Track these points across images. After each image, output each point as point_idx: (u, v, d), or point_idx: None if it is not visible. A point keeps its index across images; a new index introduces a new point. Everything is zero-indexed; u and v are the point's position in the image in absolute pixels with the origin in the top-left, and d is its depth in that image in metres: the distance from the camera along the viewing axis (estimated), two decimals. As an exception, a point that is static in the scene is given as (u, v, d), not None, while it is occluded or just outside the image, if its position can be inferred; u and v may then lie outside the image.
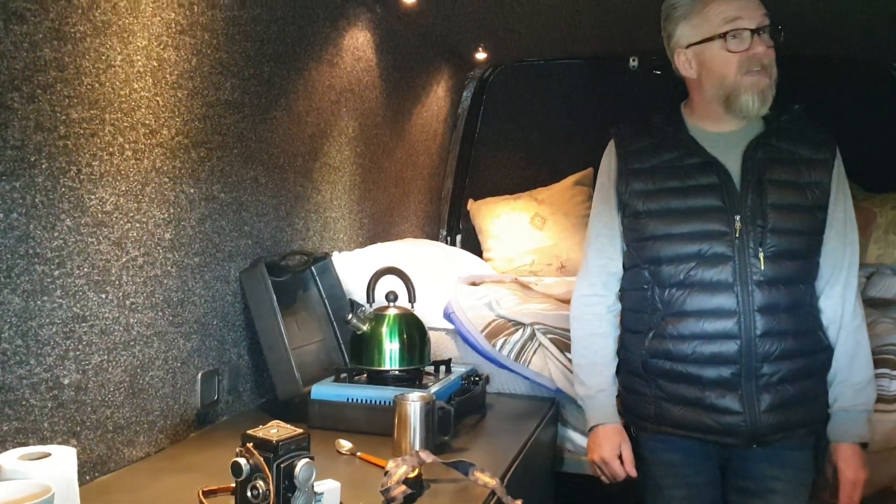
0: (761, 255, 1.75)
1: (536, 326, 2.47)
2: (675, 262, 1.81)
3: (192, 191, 1.92)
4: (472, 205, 3.97)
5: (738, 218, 1.76)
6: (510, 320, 2.53)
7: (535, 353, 2.43)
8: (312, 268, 2.46)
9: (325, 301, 2.50)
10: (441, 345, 2.57)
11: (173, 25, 1.77)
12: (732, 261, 1.76)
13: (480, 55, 3.65)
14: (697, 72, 1.81)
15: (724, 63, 1.76)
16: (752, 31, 1.73)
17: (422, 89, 3.38)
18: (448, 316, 2.57)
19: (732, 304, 1.76)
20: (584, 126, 3.97)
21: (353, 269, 2.54)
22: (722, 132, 1.84)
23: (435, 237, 3.85)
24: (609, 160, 1.96)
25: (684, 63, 1.83)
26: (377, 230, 3.05)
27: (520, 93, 4.00)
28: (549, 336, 2.43)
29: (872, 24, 2.77)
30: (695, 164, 1.81)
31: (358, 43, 2.66)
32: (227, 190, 2.06)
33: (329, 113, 2.55)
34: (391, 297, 2.21)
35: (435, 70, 3.47)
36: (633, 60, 3.79)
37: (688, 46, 1.81)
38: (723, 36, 1.74)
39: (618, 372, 1.98)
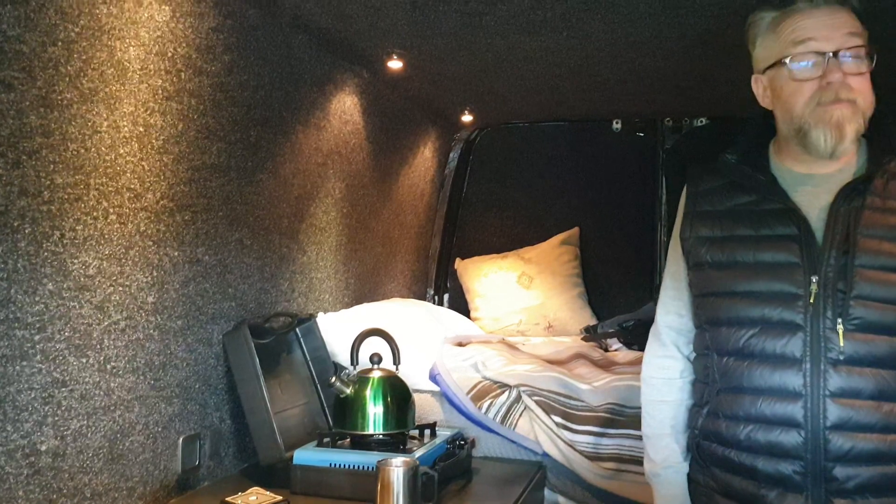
0: (840, 328, 1.42)
1: (522, 388, 2.45)
2: (735, 326, 1.52)
3: (176, 254, 1.92)
4: (459, 264, 3.99)
5: (815, 280, 1.44)
6: (496, 382, 2.52)
7: (521, 415, 2.42)
8: (297, 329, 2.45)
9: (310, 363, 2.49)
10: (427, 407, 2.55)
11: (160, 92, 1.80)
12: (803, 331, 1.44)
13: (467, 118, 3.70)
14: (772, 102, 1.54)
15: (792, 93, 1.47)
16: (829, 55, 1.43)
17: (409, 150, 3.42)
18: (434, 378, 2.56)
19: (799, 385, 1.44)
20: (570, 186, 4.01)
21: (338, 330, 2.53)
22: (812, 174, 1.51)
23: (423, 296, 3.85)
24: (680, 203, 1.69)
25: (761, 91, 1.56)
26: (364, 290, 3.05)
27: (506, 154, 4.05)
28: (535, 398, 2.42)
29: None
30: (772, 211, 1.51)
31: (345, 107, 2.70)
32: (212, 252, 2.07)
33: (316, 175, 2.58)
34: (375, 359, 2.20)
35: (422, 132, 3.51)
36: (617, 123, 3.86)
37: (763, 71, 1.53)
38: (790, 60, 1.46)
39: None
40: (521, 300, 3.77)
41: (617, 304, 3.85)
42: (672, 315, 1.68)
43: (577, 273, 3.91)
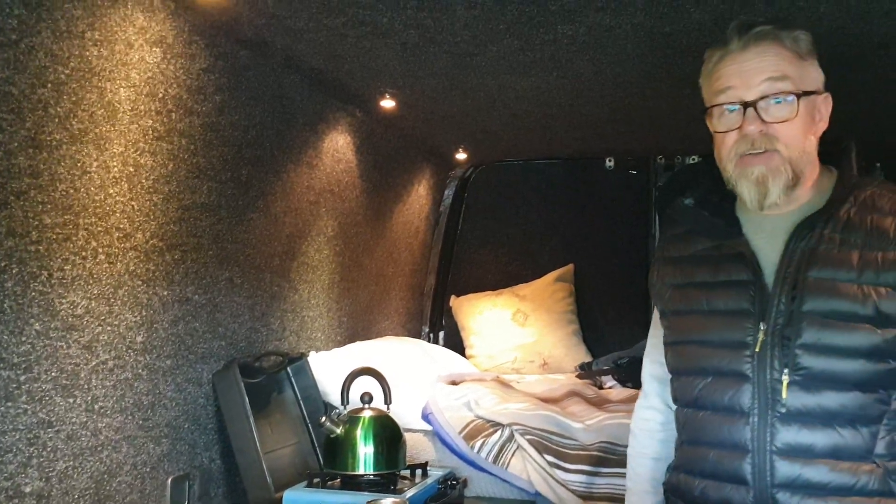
0: (785, 380, 1.33)
1: (515, 427, 2.44)
2: (692, 376, 1.46)
3: (165, 293, 1.92)
4: (454, 301, 3.98)
5: (762, 327, 1.36)
6: (489, 421, 2.50)
7: (513, 455, 2.40)
8: (288, 368, 2.44)
9: (301, 402, 2.47)
10: (419, 446, 2.53)
11: (150, 132, 1.81)
12: (751, 382, 1.36)
13: (461, 155, 3.72)
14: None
15: (718, 144, 1.43)
16: (747, 105, 1.36)
17: (403, 188, 3.43)
18: (426, 417, 2.55)
19: (746, 440, 1.36)
20: (564, 223, 4.03)
21: (330, 369, 2.52)
22: (771, 215, 1.42)
23: (417, 334, 3.84)
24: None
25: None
26: (357, 328, 3.04)
27: (501, 191, 4.06)
28: (528, 437, 2.40)
29: None
30: (729, 256, 1.44)
31: (338, 145, 2.72)
32: (202, 291, 2.06)
33: (308, 213, 2.58)
34: (366, 398, 2.19)
35: (416, 169, 3.53)
36: (610, 161, 3.88)
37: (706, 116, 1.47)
38: (714, 110, 1.42)
39: None
40: (515, 337, 3.76)
41: (611, 341, 3.84)
42: (655, 364, 1.62)
43: (571, 310, 3.90)
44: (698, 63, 2.19)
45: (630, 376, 3.45)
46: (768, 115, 1.35)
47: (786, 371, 1.33)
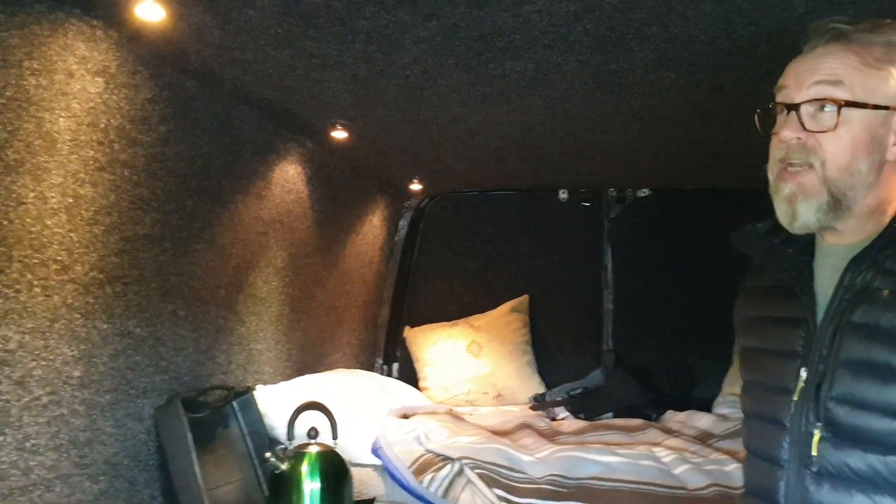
0: (816, 434, 1.20)
1: (465, 461, 2.42)
2: (746, 419, 1.39)
3: (105, 326, 1.88)
4: (408, 332, 3.96)
5: (804, 373, 1.23)
6: (438, 455, 2.48)
7: (463, 489, 2.37)
8: (234, 403, 2.40)
9: (247, 438, 2.42)
10: (369, 481, 2.49)
11: (91, 163, 1.78)
12: (788, 433, 1.24)
13: (416, 186, 3.72)
14: None
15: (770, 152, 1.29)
16: (790, 108, 1.22)
17: (357, 218, 3.42)
18: (376, 451, 2.52)
19: (780, 495, 1.25)
20: (519, 254, 4.05)
21: (277, 403, 2.48)
22: (838, 244, 1.26)
23: (370, 366, 3.81)
24: None
25: None
26: (307, 361, 3.00)
27: (456, 222, 4.08)
28: (478, 471, 2.38)
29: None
30: (791, 290, 1.30)
31: (288, 175, 2.70)
32: (144, 324, 2.02)
33: (256, 244, 2.55)
34: (312, 433, 2.16)
35: (370, 200, 3.52)
36: (563, 193, 3.93)
37: None
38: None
39: None
40: (470, 369, 3.75)
41: (565, 372, 3.86)
42: None
43: (526, 341, 3.91)
44: (645, 99, 2.25)
45: (583, 407, 3.47)
46: (811, 123, 1.20)
47: (818, 424, 1.19)
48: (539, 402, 3.59)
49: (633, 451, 2.57)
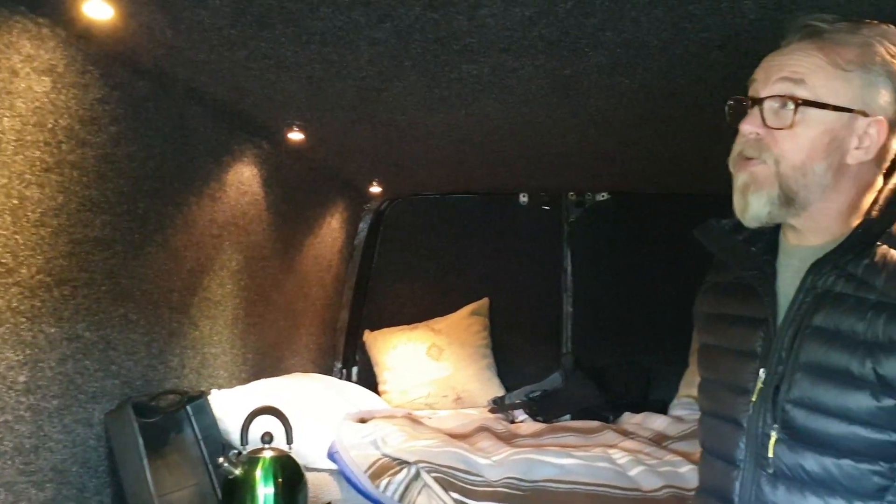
0: (773, 435, 1.19)
1: (421, 465, 2.41)
2: (703, 419, 1.38)
3: (52, 330, 1.84)
4: (367, 336, 3.94)
5: (762, 374, 1.23)
6: (395, 459, 2.47)
7: (419, 493, 2.36)
8: (188, 407, 2.36)
9: (201, 443, 2.39)
10: (324, 486, 2.47)
11: (38, 163, 1.74)
12: (745, 434, 1.24)
13: (375, 189, 3.71)
14: None
15: None
16: (755, 102, 1.22)
17: (315, 221, 3.39)
18: (332, 455, 2.50)
19: (734, 495, 1.25)
20: (480, 257, 4.05)
21: (232, 407, 2.45)
22: (801, 245, 1.26)
23: (329, 370, 3.78)
24: None
25: None
26: (264, 365, 2.97)
27: (417, 225, 4.07)
28: (434, 475, 2.37)
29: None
30: (753, 289, 1.28)
31: (243, 177, 2.67)
32: (94, 328, 1.98)
33: (210, 247, 2.52)
34: (266, 438, 2.13)
35: (329, 202, 3.50)
36: (523, 196, 3.95)
37: None
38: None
39: None
40: (429, 372, 3.74)
41: (525, 375, 3.87)
42: None
43: (486, 344, 3.92)
44: (601, 104, 2.26)
45: (541, 410, 3.48)
46: (773, 120, 1.19)
47: (775, 426, 1.19)
48: (498, 405, 3.60)
49: (590, 453, 2.58)
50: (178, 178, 2.30)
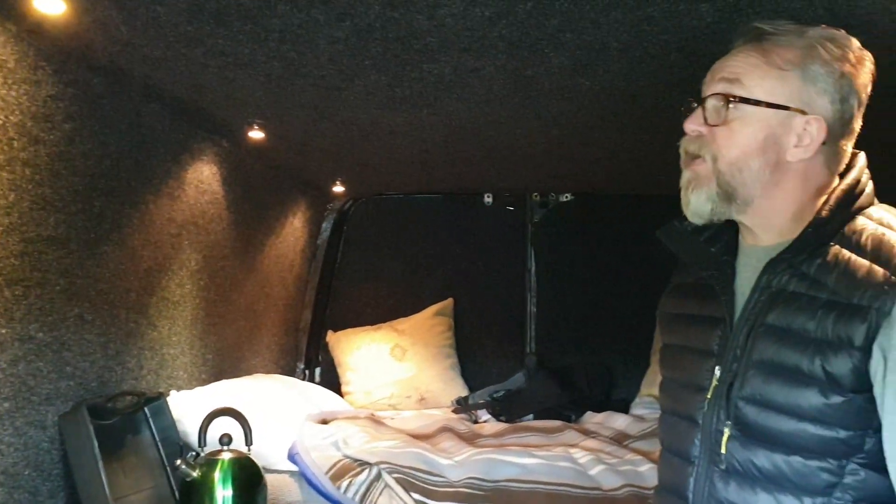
0: (726, 432, 1.22)
1: (382, 466, 2.40)
2: (663, 417, 1.42)
3: (3, 331, 1.80)
4: (331, 336, 3.92)
5: (717, 372, 1.26)
6: (356, 460, 2.46)
7: (381, 493, 2.35)
8: (145, 409, 2.32)
9: (159, 445, 2.35)
10: (285, 488, 2.45)
11: (-12, 161, 1.71)
12: (699, 430, 1.27)
13: (339, 188, 3.69)
14: None
15: None
16: (700, 101, 1.27)
17: (276, 220, 3.36)
18: (293, 457, 2.48)
19: (688, 491, 1.28)
20: (444, 258, 4.05)
21: (191, 409, 2.42)
22: (756, 245, 1.30)
23: (292, 371, 3.75)
24: None
25: None
26: (224, 366, 2.93)
27: (381, 225, 4.05)
28: (395, 476, 2.37)
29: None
30: (712, 289, 1.32)
31: (203, 176, 2.64)
32: (47, 329, 1.94)
33: (168, 246, 2.49)
34: (225, 440, 2.11)
35: (291, 202, 3.47)
36: (488, 197, 3.96)
37: None
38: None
39: None
40: (393, 373, 3.73)
41: (489, 375, 3.88)
42: None
43: (450, 344, 3.92)
44: (562, 105, 2.27)
45: (504, 410, 3.49)
46: (713, 117, 1.24)
47: (728, 423, 1.22)
48: (461, 405, 3.60)
49: (551, 452, 2.59)
50: (136, 176, 2.26)
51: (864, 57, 1.25)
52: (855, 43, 1.25)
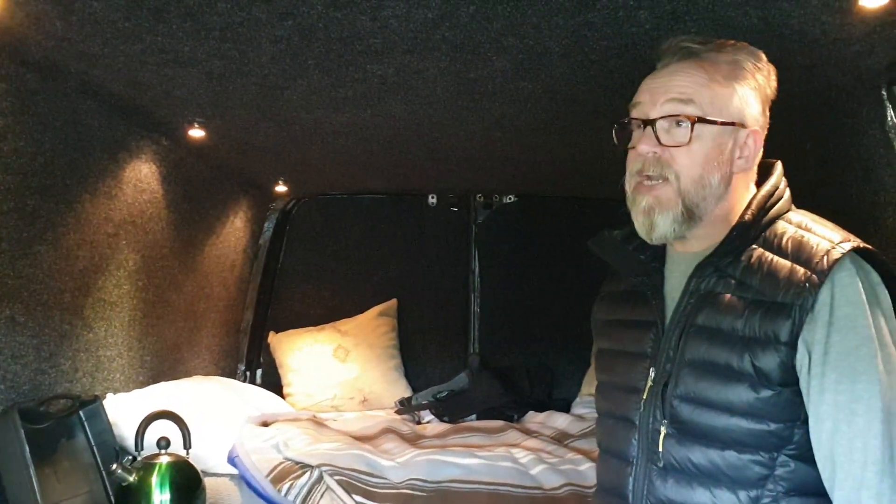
0: (663, 431, 1.27)
1: (324, 468, 2.39)
2: (600, 420, 1.46)
3: (-71, 333, 1.74)
4: (272, 338, 3.88)
5: (652, 373, 1.30)
6: (297, 462, 2.44)
7: (322, 496, 2.34)
8: (80, 412, 2.27)
9: (94, 449, 2.30)
10: (225, 491, 2.42)
11: (-87, 157, 1.65)
12: (637, 430, 1.31)
13: (281, 188, 3.66)
14: None
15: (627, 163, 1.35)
16: (646, 123, 1.28)
17: (217, 220, 3.31)
18: (232, 460, 2.45)
19: (627, 490, 1.32)
20: (388, 258, 4.04)
21: (128, 412, 2.37)
22: (686, 252, 1.35)
23: (233, 373, 3.70)
24: None
25: None
26: (162, 368, 2.88)
27: (324, 225, 4.02)
28: (337, 478, 2.36)
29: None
30: (643, 295, 1.37)
31: (141, 174, 2.58)
32: (-24, 331, 1.89)
33: (105, 246, 2.43)
34: (162, 443, 2.08)
35: (232, 201, 3.42)
36: (432, 198, 3.97)
37: None
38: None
39: None
40: (336, 374, 3.71)
41: (432, 375, 3.89)
42: None
43: (393, 345, 3.91)
44: (505, 108, 2.29)
45: (447, 410, 3.50)
46: (666, 138, 1.27)
47: (664, 421, 1.26)
48: (405, 406, 3.60)
49: (493, 452, 2.61)
50: (71, 174, 2.21)
51: (772, 69, 1.33)
52: (764, 56, 1.32)
